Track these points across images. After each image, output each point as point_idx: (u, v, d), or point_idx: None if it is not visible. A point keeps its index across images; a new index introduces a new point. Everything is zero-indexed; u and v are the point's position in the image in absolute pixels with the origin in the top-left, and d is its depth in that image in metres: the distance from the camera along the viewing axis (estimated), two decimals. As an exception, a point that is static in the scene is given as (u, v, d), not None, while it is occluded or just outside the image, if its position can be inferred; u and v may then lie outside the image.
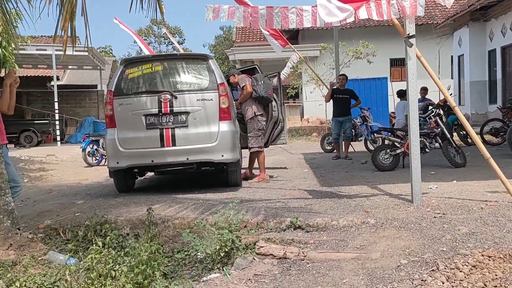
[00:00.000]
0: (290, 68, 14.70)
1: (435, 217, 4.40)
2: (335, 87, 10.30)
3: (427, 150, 7.97)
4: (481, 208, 4.60)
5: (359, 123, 11.59)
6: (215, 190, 6.75)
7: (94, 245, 4.38)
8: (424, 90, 12.28)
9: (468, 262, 3.32)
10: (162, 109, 6.40)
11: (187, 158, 6.42)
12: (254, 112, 7.32)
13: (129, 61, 6.72)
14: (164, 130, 6.39)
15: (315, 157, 11.19)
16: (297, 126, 21.65)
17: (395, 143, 8.14)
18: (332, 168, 9.04)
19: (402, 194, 5.60)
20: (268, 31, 11.05)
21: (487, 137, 11.10)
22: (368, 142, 11.56)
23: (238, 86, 7.56)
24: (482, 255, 3.38)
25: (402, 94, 10.59)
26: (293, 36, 24.22)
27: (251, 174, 7.73)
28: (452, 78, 19.46)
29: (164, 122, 6.41)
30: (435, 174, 7.26)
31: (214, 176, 7.93)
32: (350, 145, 10.95)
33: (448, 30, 17.82)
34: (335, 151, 11.62)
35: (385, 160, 8.03)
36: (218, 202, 5.71)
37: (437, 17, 22.35)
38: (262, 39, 25.32)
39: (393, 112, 11.96)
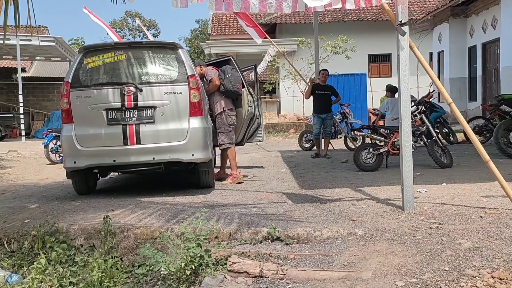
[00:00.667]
0: (268, 62, 14.17)
1: (430, 227, 3.90)
2: (316, 82, 9.78)
3: (412, 149, 7.49)
4: (481, 216, 4.13)
5: (339, 120, 11.11)
6: (185, 192, 6.15)
7: (38, 260, 3.74)
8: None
9: (477, 286, 2.82)
10: (126, 103, 5.75)
11: (154, 158, 5.79)
12: (223, 107, 6.75)
13: (88, 49, 6.02)
14: (128, 126, 5.74)
15: (293, 155, 10.66)
16: (274, 122, 21.13)
17: (378, 141, 7.67)
18: (311, 167, 8.52)
19: (390, 199, 5.11)
20: (245, 22, 10.48)
21: None
22: (348, 139, 11.11)
23: (204, 79, 6.95)
24: (492, 277, 2.89)
25: (392, 90, 10.09)
26: (271, 30, 23.65)
27: (225, 174, 7.14)
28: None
29: (127, 117, 5.76)
30: (421, 175, 6.81)
31: (185, 176, 7.32)
32: (330, 143, 10.46)
33: (428, 25, 17.53)
34: (314, 148, 11.14)
35: (368, 159, 7.56)
36: (187, 207, 5.11)
37: (416, 12, 22.09)
38: (239, 33, 24.70)
39: (374, 109, 11.52)
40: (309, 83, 9.73)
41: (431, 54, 21.83)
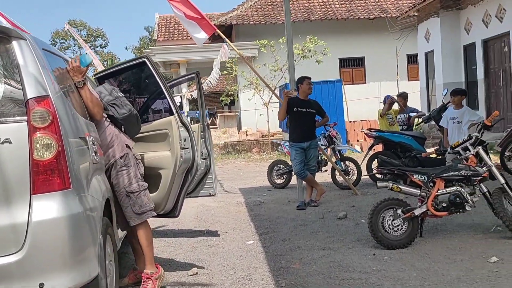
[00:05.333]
0: (219, 71, 10.92)
1: None
2: (292, 95, 6.56)
3: (467, 207, 4.43)
4: None
5: (324, 147, 7.96)
6: None
7: None
8: (403, 98, 8.90)
9: None
10: None
11: None
12: (121, 150, 3.57)
13: None
14: None
15: (262, 201, 7.41)
16: (234, 141, 17.88)
17: (409, 193, 4.55)
18: (294, 235, 5.31)
19: None
20: (183, 12, 7.20)
21: None
22: (336, 172, 7.99)
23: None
24: None
25: (461, 93, 6.79)
26: (226, 34, 20.43)
27: (140, 272, 3.82)
28: (418, 79, 16.46)
29: None
30: (499, 261, 3.76)
31: None
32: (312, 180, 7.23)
33: (411, 22, 14.80)
34: (288, 186, 7.95)
35: (395, 228, 4.42)
36: None
37: (390, 9, 19.48)
38: (189, 38, 21.33)
39: (370, 130, 8.32)
40: (283, 96, 6.52)
41: (410, 56, 19.25)
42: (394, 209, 4.44)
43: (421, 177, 4.48)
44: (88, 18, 76.39)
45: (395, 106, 8.91)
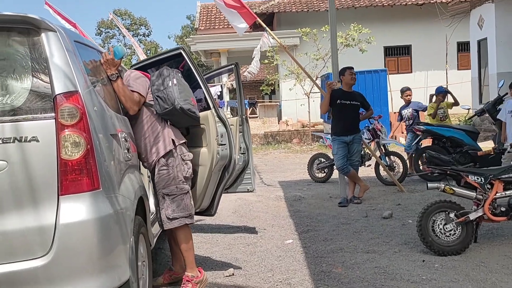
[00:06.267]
0: (260, 60, 10.65)
1: None
2: (336, 87, 6.24)
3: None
4: None
5: (367, 140, 7.60)
6: None
7: None
8: (408, 91, 8.45)
9: None
10: None
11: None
12: (166, 145, 3.37)
13: None
14: None
15: (302, 196, 7.16)
16: (274, 131, 17.64)
17: (464, 196, 4.19)
18: (336, 234, 5.05)
19: None
20: (223, 0, 7.00)
21: None
22: (380, 168, 7.63)
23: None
24: None
25: None
26: (267, 22, 20.12)
27: (181, 271, 3.68)
28: (468, 68, 15.63)
29: None
30: None
31: None
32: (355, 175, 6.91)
33: (463, 8, 13.98)
34: (329, 180, 7.68)
35: (447, 233, 4.08)
36: None
37: (440, -6, 18.54)
38: (230, 26, 21.18)
39: (420, 123, 7.87)
40: (326, 87, 6.20)
41: (460, 44, 18.32)
42: (447, 212, 4.10)
43: (478, 178, 4.11)
44: (132, 7, 77.51)
45: (445, 100, 8.40)
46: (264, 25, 7.56)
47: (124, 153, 2.97)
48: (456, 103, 8.23)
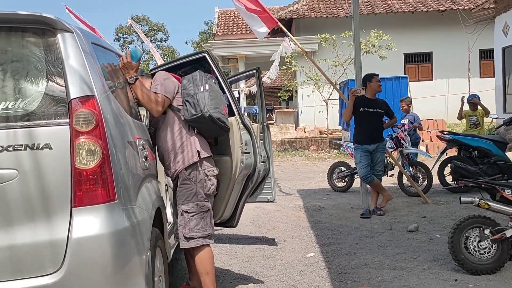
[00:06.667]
0: (278, 65, 10.50)
1: None
2: (359, 94, 6.02)
3: None
4: None
5: (390, 149, 7.35)
6: None
7: None
8: (407, 103, 8.20)
9: None
10: None
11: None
12: (191, 157, 3.16)
13: None
14: None
15: (322, 206, 6.94)
16: (291, 138, 17.45)
17: (503, 212, 3.93)
18: (359, 248, 4.82)
19: None
20: (244, 4, 6.85)
21: None
22: (404, 177, 7.37)
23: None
24: None
25: None
26: (285, 28, 19.99)
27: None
28: (491, 76, 15.25)
29: None
30: None
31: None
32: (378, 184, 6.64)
33: (487, 15, 13.65)
34: (350, 189, 7.43)
35: (482, 251, 3.83)
36: None
37: (462, 1, 18.22)
38: (248, 32, 21.11)
39: (443, 131, 7.63)
40: (349, 95, 5.98)
41: (483, 51, 17.90)
42: (481, 228, 3.85)
43: (513, 192, 3.85)
44: (150, 12, 78.29)
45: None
46: (285, 30, 7.41)
47: (141, 162, 2.81)
48: (486, 113, 7.94)
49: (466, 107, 8.16)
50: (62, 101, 2.30)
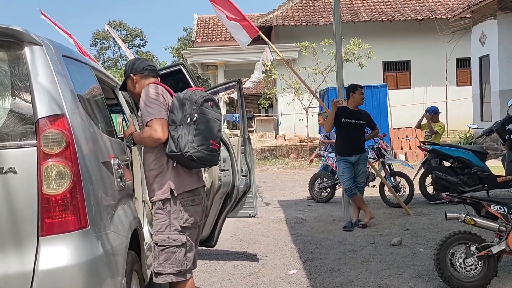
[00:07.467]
0: (262, 72, 10.42)
1: None
2: (341, 105, 5.95)
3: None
4: None
5: (372, 160, 7.30)
6: None
7: None
8: (324, 118, 7.68)
9: None
10: None
11: None
12: (162, 193, 2.87)
13: None
14: None
15: (304, 219, 6.82)
16: (271, 145, 17.34)
17: (489, 228, 3.87)
18: (343, 263, 4.71)
19: None
20: (225, 13, 6.72)
21: None
22: (385, 188, 7.31)
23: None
24: None
25: None
26: (265, 35, 19.94)
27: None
28: (468, 84, 15.46)
29: None
30: None
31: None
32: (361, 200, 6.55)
33: (464, 24, 13.85)
34: (331, 200, 7.32)
35: (468, 268, 3.75)
36: None
37: (439, 11, 18.48)
38: (227, 39, 21.03)
39: (423, 142, 7.60)
40: (332, 105, 5.89)
41: (459, 60, 18.18)
42: (467, 245, 3.78)
43: (500, 208, 3.79)
44: (128, 18, 77.62)
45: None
46: (266, 39, 7.30)
47: (117, 182, 2.64)
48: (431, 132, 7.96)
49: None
50: (29, 121, 2.13)
